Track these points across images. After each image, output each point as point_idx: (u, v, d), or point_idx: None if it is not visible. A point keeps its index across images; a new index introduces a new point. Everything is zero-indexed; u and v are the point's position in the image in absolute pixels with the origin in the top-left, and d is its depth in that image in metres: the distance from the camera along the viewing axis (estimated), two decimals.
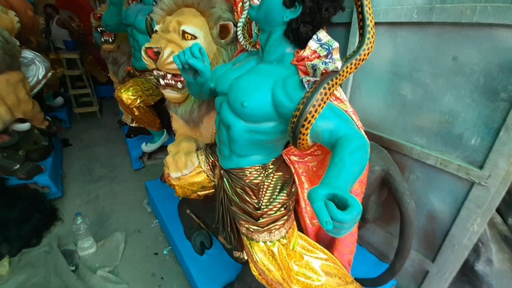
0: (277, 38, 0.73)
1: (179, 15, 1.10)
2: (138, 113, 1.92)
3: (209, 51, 1.11)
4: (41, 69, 2.07)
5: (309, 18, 0.66)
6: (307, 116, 0.63)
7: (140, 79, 1.95)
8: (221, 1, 1.12)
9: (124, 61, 2.34)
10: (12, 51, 1.69)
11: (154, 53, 0.99)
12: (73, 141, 2.63)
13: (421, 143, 0.97)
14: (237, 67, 0.88)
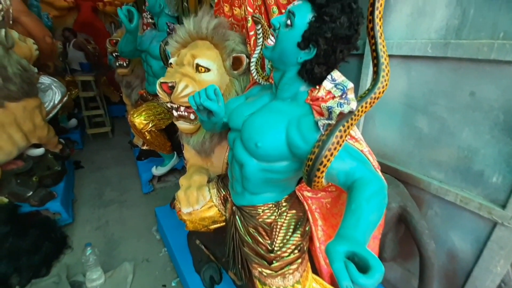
0: (291, 77, 0.75)
1: (194, 48, 1.15)
2: (149, 137, 1.97)
3: (222, 82, 1.14)
4: (57, 94, 2.17)
5: (324, 59, 0.68)
6: (322, 160, 0.63)
7: (153, 103, 2.01)
8: (234, 34, 1.17)
9: (137, 84, 2.44)
10: (30, 79, 1.79)
11: (169, 88, 1.03)
12: (85, 163, 2.69)
13: (439, 178, 0.94)
14: (250, 101, 0.89)
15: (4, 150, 1.68)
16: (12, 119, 1.72)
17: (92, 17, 4.09)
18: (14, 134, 1.72)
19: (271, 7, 0.98)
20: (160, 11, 1.92)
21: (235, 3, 1.11)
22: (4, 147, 1.68)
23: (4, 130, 1.68)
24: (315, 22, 0.65)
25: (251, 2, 1.03)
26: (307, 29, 0.66)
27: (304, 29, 0.66)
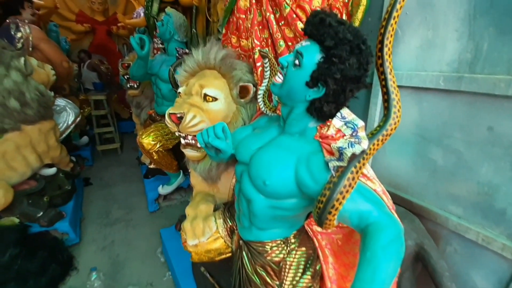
0: (299, 113, 0.73)
1: (202, 77, 1.16)
2: (157, 157, 1.98)
3: (229, 111, 1.14)
4: (71, 115, 2.23)
5: (333, 98, 0.66)
6: (334, 204, 0.60)
7: (161, 124, 2.03)
8: (241, 63, 1.18)
9: (146, 104, 2.48)
10: (46, 103, 1.85)
11: (177, 118, 1.03)
12: (93, 180, 2.72)
13: (457, 213, 0.89)
14: (257, 133, 0.88)
15: (18, 172, 1.72)
16: (27, 141, 1.76)
17: (106, 40, 4.27)
18: (28, 155, 1.76)
19: (278, 41, 0.98)
20: (170, 38, 1.97)
21: (242, 35, 1.12)
22: (19, 168, 1.72)
23: (20, 152, 1.72)
24: (324, 63, 0.64)
25: (258, 35, 1.04)
26: (316, 69, 0.65)
27: (313, 69, 0.65)
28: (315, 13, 0.67)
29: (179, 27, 1.97)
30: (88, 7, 4.17)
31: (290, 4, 0.90)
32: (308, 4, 0.88)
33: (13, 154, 1.69)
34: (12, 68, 1.62)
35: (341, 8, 0.91)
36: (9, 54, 1.62)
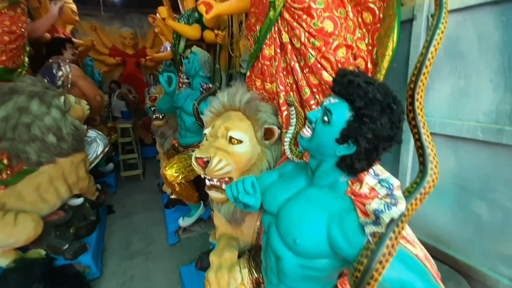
0: (329, 167, 0.73)
1: (227, 119, 1.20)
2: (179, 188, 2.02)
3: (253, 152, 1.16)
4: (100, 146, 2.37)
5: (365, 156, 0.65)
6: (372, 274, 0.57)
7: (183, 156, 2.10)
8: (266, 105, 1.21)
9: (170, 134, 2.60)
10: (80, 136, 1.99)
11: (204, 162, 1.06)
12: (116, 207, 2.81)
13: (509, 275, 0.80)
14: (284, 181, 0.88)
15: (49, 203, 1.82)
16: (60, 173, 1.88)
17: (135, 70, 4.63)
18: (60, 187, 1.87)
19: (303, 88, 1.01)
20: (195, 73, 2.10)
21: (267, 79, 1.17)
22: (50, 200, 1.82)
23: (52, 184, 1.83)
24: (354, 122, 0.64)
25: (283, 81, 1.08)
26: (346, 127, 0.65)
27: (342, 127, 0.65)
28: (343, 73, 0.69)
29: (204, 64, 2.10)
30: (120, 42, 4.60)
31: (314, 55, 0.94)
32: (332, 55, 0.91)
33: (46, 186, 1.80)
34: (53, 106, 1.78)
35: (365, 57, 0.93)
36: (51, 93, 1.79)
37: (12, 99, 1.63)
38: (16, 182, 1.70)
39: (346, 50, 0.91)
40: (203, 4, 1.44)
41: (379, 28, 0.92)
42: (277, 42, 1.07)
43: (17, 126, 1.63)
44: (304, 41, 0.94)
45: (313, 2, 0.93)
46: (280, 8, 1.01)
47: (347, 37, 0.92)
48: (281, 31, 1.04)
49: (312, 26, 0.93)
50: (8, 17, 1.75)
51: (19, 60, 1.90)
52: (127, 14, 4.86)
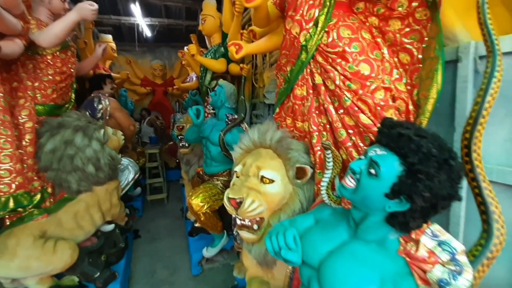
0: (376, 221, 0.67)
1: (258, 157, 1.19)
2: (204, 218, 2.00)
3: (285, 192, 1.12)
4: (131, 173, 2.45)
5: (421, 215, 0.59)
6: None
7: (209, 185, 2.10)
8: (297, 143, 1.19)
9: (195, 162, 2.64)
10: (115, 166, 2.07)
11: (237, 203, 1.04)
12: (141, 232, 2.83)
13: None
14: (323, 229, 0.82)
15: (85, 230, 1.86)
16: (96, 201, 1.94)
17: (163, 98, 4.90)
18: (95, 214, 1.92)
19: (338, 130, 0.98)
20: (221, 105, 2.16)
21: (298, 118, 1.16)
22: (86, 227, 1.87)
23: (88, 211, 1.89)
24: (407, 178, 0.59)
25: (316, 121, 1.06)
26: (397, 183, 0.60)
27: (393, 182, 0.61)
28: (390, 124, 0.66)
29: (229, 96, 2.16)
30: (151, 73, 4.94)
31: (350, 97, 0.92)
32: (370, 98, 0.88)
33: (83, 213, 1.86)
34: (94, 139, 1.89)
35: (405, 99, 0.89)
36: (93, 127, 1.91)
37: (60, 133, 1.75)
38: (57, 210, 1.77)
39: (384, 92, 0.89)
40: (233, 45, 1.50)
41: (418, 68, 0.89)
42: (309, 83, 1.07)
43: (62, 158, 1.74)
44: (339, 83, 0.93)
45: (347, 46, 0.93)
46: (313, 52, 1.02)
47: (385, 79, 0.90)
48: (313, 73, 1.04)
49: (347, 69, 0.92)
50: (60, 59, 1.94)
51: (67, 97, 2.07)
52: (157, 48, 5.26)
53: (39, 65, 1.82)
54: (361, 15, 1.02)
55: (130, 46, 4.96)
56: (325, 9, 0.98)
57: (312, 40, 1.01)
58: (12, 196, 1.52)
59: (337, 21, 0.98)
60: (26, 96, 1.73)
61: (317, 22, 0.99)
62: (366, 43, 0.94)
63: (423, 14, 0.87)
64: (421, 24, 0.88)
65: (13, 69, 1.74)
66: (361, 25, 0.98)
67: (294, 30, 1.08)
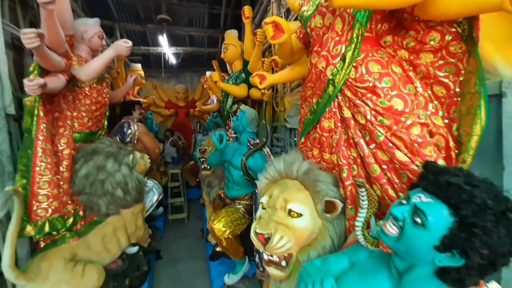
0: (424, 274, 0.60)
1: (284, 189, 1.15)
2: (225, 243, 1.95)
3: (314, 226, 1.06)
4: (156, 195, 2.49)
5: (477, 272, 0.52)
6: None
7: (230, 209, 2.07)
8: (325, 174, 1.14)
9: (216, 184, 2.63)
10: (142, 189, 2.11)
11: (265, 239, 1.00)
12: (163, 252, 2.81)
13: None
14: (361, 275, 0.75)
15: (111, 253, 1.88)
16: (122, 223, 1.97)
17: (184, 120, 5.08)
18: (121, 237, 1.94)
19: (371, 165, 0.92)
20: (243, 130, 2.17)
21: (326, 150, 1.12)
22: (112, 250, 1.88)
23: (115, 234, 1.91)
24: (460, 231, 0.53)
25: (345, 154, 1.02)
26: (448, 235, 0.54)
27: (443, 234, 0.55)
28: (436, 170, 0.61)
29: (251, 120, 2.18)
30: (174, 96, 5.17)
31: (383, 132, 0.87)
32: (406, 135, 0.83)
33: (110, 236, 1.88)
34: (123, 164, 1.96)
35: (445, 134, 0.83)
36: (123, 153, 1.98)
37: (93, 158, 1.83)
38: (87, 233, 1.81)
39: (420, 128, 0.83)
40: (257, 76, 1.53)
41: (456, 102, 0.83)
42: (337, 116, 1.04)
43: (94, 182, 1.80)
44: (370, 118, 0.90)
45: (378, 81, 0.90)
46: (341, 86, 1.00)
47: (420, 113, 0.85)
48: (341, 106, 1.01)
49: (379, 104, 0.88)
50: (96, 90, 2.07)
51: (100, 124, 2.19)
52: (181, 73, 5.55)
53: (78, 96, 1.95)
54: (389, 49, 0.99)
55: (157, 72, 5.27)
56: (352, 45, 0.97)
57: (339, 74, 0.99)
58: (48, 220, 1.57)
59: (365, 56, 0.95)
60: (65, 125, 1.84)
61: (344, 57, 0.98)
62: (397, 77, 0.90)
63: (458, 47, 0.83)
64: (456, 57, 0.83)
65: (55, 101, 1.87)
66: (390, 59, 0.95)
67: (320, 65, 1.07)
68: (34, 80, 1.38)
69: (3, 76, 1.61)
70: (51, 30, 1.49)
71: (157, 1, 4.10)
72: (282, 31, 1.13)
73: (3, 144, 1.59)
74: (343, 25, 1.01)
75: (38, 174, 1.51)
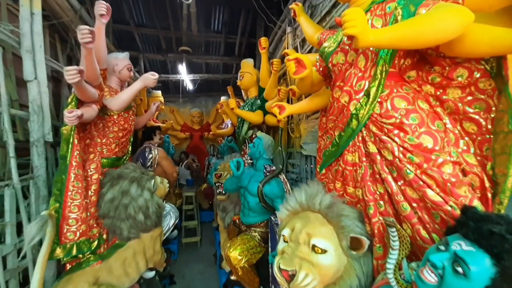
0: None
1: (307, 222, 1.12)
2: (241, 272, 1.89)
3: (340, 264, 1.01)
4: (172, 218, 2.47)
5: None
6: None
7: (246, 236, 2.02)
8: (350, 209, 1.10)
9: (231, 209, 2.61)
10: (161, 213, 2.12)
11: (289, 276, 0.96)
12: (177, 277, 2.74)
13: None
14: None
15: (130, 277, 1.85)
16: (142, 247, 1.95)
17: (199, 142, 5.19)
18: (140, 261, 1.91)
19: (400, 204, 0.88)
20: (259, 156, 2.18)
21: (350, 184, 1.10)
22: (131, 274, 1.85)
23: (135, 258, 1.89)
24: (502, 282, 0.50)
25: (371, 190, 0.99)
26: (490, 286, 0.51)
27: (486, 284, 0.52)
28: (477, 217, 0.58)
29: (267, 147, 2.20)
30: (190, 120, 5.34)
31: (413, 170, 0.85)
32: (437, 173, 0.80)
33: (130, 260, 1.86)
34: (146, 189, 1.99)
35: (479, 174, 0.80)
36: (146, 178, 2.03)
37: (119, 183, 1.88)
38: (109, 256, 1.80)
39: (453, 167, 0.80)
40: (276, 106, 1.57)
41: (489, 139, 0.80)
42: (361, 150, 1.03)
43: (118, 206, 1.83)
44: (399, 155, 0.88)
45: (405, 118, 0.89)
46: (365, 121, 0.99)
47: (451, 151, 0.83)
48: (366, 141, 1.00)
49: (407, 141, 0.87)
50: (123, 118, 2.17)
51: (125, 149, 2.27)
52: (196, 97, 5.78)
53: (107, 123, 2.05)
54: (414, 84, 0.97)
55: (174, 97, 5.52)
56: (376, 81, 0.97)
57: (363, 109, 0.99)
58: (76, 244, 1.59)
59: (390, 91, 0.95)
60: (95, 151, 1.93)
61: (368, 93, 0.98)
62: (425, 114, 0.88)
63: (487, 84, 0.81)
64: (485, 93, 0.81)
65: (87, 128, 1.98)
66: (416, 95, 0.94)
67: (343, 99, 1.09)
68: (73, 112, 1.48)
69: (44, 107, 1.74)
70: (89, 66, 1.62)
71: (178, 33, 4.42)
72: (304, 66, 1.17)
73: (40, 169, 1.68)
74: (366, 62, 1.01)
75: (70, 198, 1.57)
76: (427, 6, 0.83)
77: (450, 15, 0.72)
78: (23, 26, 1.52)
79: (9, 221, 1.51)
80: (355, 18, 0.77)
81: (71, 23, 2.15)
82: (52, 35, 2.25)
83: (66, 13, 1.98)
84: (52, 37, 2.25)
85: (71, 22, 2.14)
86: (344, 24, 0.79)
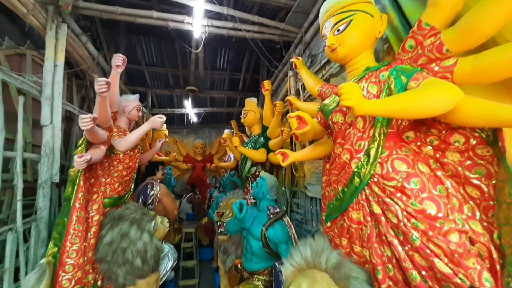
0: None
1: (313, 282, 1.07)
2: None
3: None
4: (171, 260, 2.37)
5: None
6: None
7: (249, 286, 1.92)
8: (357, 269, 1.06)
9: (232, 250, 2.51)
10: (159, 257, 2.05)
11: None
12: None
13: None
14: None
15: None
16: None
17: (201, 173, 5.19)
18: None
19: (409, 271, 0.86)
20: (262, 197, 2.17)
21: (356, 242, 1.08)
22: None
23: None
24: None
25: (378, 252, 0.97)
26: None
27: None
28: None
29: (271, 188, 2.20)
30: (192, 151, 5.41)
31: (419, 236, 0.84)
32: (444, 242, 0.80)
33: None
34: (145, 231, 1.95)
35: (486, 243, 0.79)
36: (146, 219, 2.00)
37: (119, 225, 1.85)
38: None
39: (459, 235, 0.80)
40: (280, 154, 1.62)
41: (493, 206, 0.81)
42: (366, 209, 1.03)
43: (116, 250, 1.78)
44: (403, 219, 0.88)
45: (406, 181, 0.90)
46: (367, 180, 1.01)
47: (456, 218, 0.83)
48: (370, 201, 1.01)
49: (410, 205, 0.87)
50: (129, 156, 2.22)
51: (128, 188, 2.28)
52: (200, 129, 5.94)
53: (112, 162, 2.09)
54: (412, 145, 1.00)
55: (178, 129, 5.68)
56: (375, 142, 1.01)
57: (364, 168, 1.02)
58: None
59: (389, 153, 0.97)
60: (99, 191, 1.94)
61: (369, 153, 1.02)
62: (425, 178, 0.90)
63: (485, 151, 0.83)
64: (484, 159, 0.83)
65: (93, 168, 2.02)
66: (416, 157, 0.96)
67: (344, 156, 1.13)
68: (83, 157, 1.53)
69: (55, 149, 1.80)
70: (102, 112, 1.72)
71: (185, 72, 4.71)
72: (305, 122, 1.23)
73: (44, 211, 1.68)
74: (365, 124, 1.07)
75: (69, 242, 1.55)
76: (417, 80, 0.90)
77: (439, 94, 0.78)
78: (45, 77, 1.65)
79: (8, 267, 1.47)
80: (350, 92, 0.85)
81: (88, 68, 2.32)
82: (70, 79, 2.42)
83: (85, 61, 2.15)
84: (69, 80, 2.42)
85: (89, 68, 2.31)
86: (341, 96, 0.87)
